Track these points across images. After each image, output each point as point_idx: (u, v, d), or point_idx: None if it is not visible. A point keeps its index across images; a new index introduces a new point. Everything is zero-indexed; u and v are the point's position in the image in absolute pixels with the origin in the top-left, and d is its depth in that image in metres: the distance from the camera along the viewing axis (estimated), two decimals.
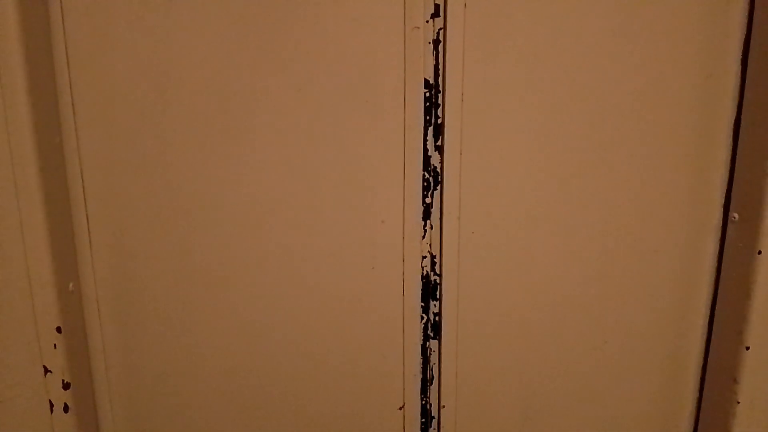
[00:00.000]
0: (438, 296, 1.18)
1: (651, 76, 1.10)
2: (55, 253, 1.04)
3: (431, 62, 1.07)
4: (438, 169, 1.12)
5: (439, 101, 1.09)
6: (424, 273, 1.17)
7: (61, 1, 1.02)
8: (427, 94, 1.08)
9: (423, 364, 1.22)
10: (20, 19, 0.94)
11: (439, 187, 1.13)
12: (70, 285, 1.10)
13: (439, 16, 1.05)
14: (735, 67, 1.10)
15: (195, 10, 1.03)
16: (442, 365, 1.21)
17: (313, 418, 1.23)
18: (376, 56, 1.06)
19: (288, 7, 1.03)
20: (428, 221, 1.14)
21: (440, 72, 1.08)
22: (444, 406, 1.24)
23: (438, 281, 1.17)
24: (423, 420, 1.25)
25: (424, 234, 1.15)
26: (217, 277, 1.15)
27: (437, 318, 1.19)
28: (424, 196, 1.13)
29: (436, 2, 1.05)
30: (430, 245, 1.16)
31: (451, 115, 1.09)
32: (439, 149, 1.11)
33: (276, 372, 1.21)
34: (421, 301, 1.18)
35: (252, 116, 1.08)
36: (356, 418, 1.23)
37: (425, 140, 1.10)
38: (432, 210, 1.14)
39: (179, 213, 1.12)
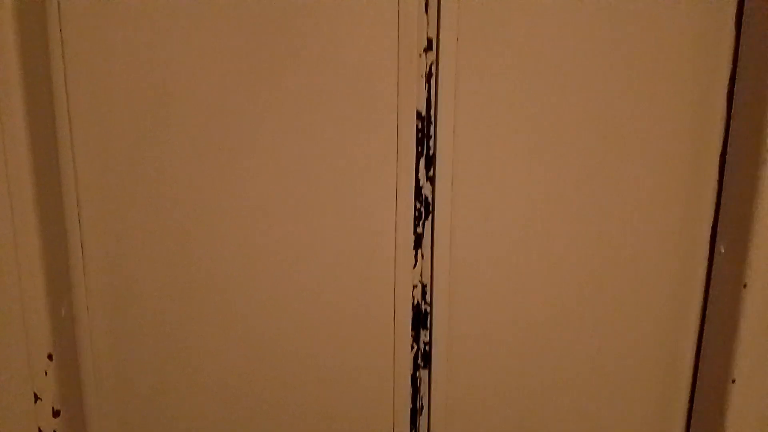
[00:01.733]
0: (428, 325, 1.18)
1: (640, 111, 1.11)
2: (48, 278, 1.04)
3: (424, 94, 1.09)
4: (429, 200, 1.13)
5: (431, 133, 1.10)
6: (415, 302, 1.17)
7: (58, 4, 1.03)
8: (420, 126, 1.10)
9: (413, 393, 1.22)
10: (17, 24, 0.95)
11: (430, 217, 1.14)
12: (62, 310, 1.10)
13: (431, 49, 1.07)
14: (722, 101, 1.11)
15: (193, 17, 1.04)
16: (432, 394, 1.21)
17: None
18: (370, 88, 1.08)
19: (284, 37, 1.05)
20: (419, 250, 1.15)
21: (432, 104, 1.09)
22: None
23: (428, 310, 1.18)
24: None
25: (415, 263, 1.16)
26: (211, 301, 1.15)
27: (428, 347, 1.19)
28: (416, 226, 1.14)
29: (429, 36, 1.07)
30: (422, 274, 1.16)
31: (443, 146, 1.11)
32: (431, 180, 1.12)
33: (267, 397, 1.21)
34: (412, 330, 1.19)
35: (245, 137, 1.09)
36: None
37: (417, 171, 1.12)
38: (423, 239, 1.15)
39: (174, 237, 1.12)
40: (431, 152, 1.11)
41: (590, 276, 1.18)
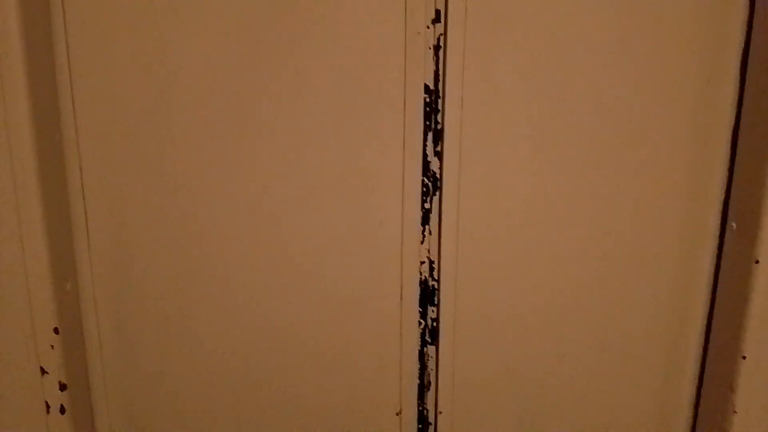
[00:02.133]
0: (436, 302, 1.18)
1: (650, 82, 1.10)
2: (52, 253, 1.04)
3: (431, 68, 1.07)
4: (437, 175, 1.12)
5: (439, 107, 1.09)
6: (423, 278, 1.17)
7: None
8: (427, 100, 1.08)
9: (420, 369, 1.22)
10: (21, 17, 0.95)
11: (438, 193, 1.13)
12: (68, 285, 1.10)
13: (439, 21, 1.06)
14: (734, 74, 1.10)
15: (198, 11, 1.03)
16: (440, 371, 1.21)
17: (310, 422, 1.23)
18: (377, 61, 1.06)
19: (290, 10, 1.04)
20: (427, 226, 1.14)
21: (440, 77, 1.08)
22: (441, 412, 1.24)
23: (436, 287, 1.17)
24: (420, 426, 1.25)
25: (423, 239, 1.15)
26: (215, 278, 1.15)
27: (435, 323, 1.19)
28: (423, 202, 1.13)
29: (437, 8, 1.05)
30: (429, 250, 1.16)
31: (451, 120, 1.09)
32: (439, 155, 1.11)
33: (273, 376, 1.21)
34: (419, 307, 1.18)
35: (251, 119, 1.08)
36: (353, 423, 1.23)
37: (425, 145, 1.11)
38: (431, 215, 1.14)
39: (178, 213, 1.12)
40: (439, 127, 1.10)
41: (600, 250, 1.18)
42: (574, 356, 1.23)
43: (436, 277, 1.17)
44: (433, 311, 1.19)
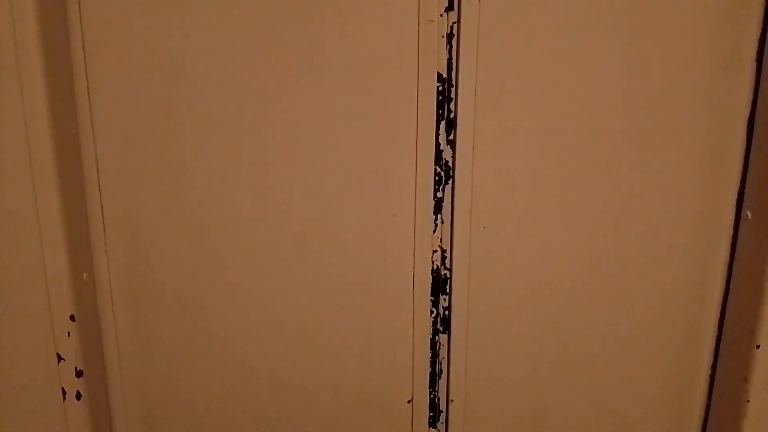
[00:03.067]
0: (448, 290, 1.18)
1: (665, 71, 1.09)
2: (70, 242, 1.06)
3: (445, 56, 1.07)
4: (450, 164, 1.12)
5: (452, 95, 1.09)
6: (435, 267, 1.17)
7: None
8: (440, 88, 1.08)
9: (432, 358, 1.22)
10: (39, 13, 0.95)
11: (450, 182, 1.13)
12: (84, 275, 1.11)
13: (453, 9, 1.05)
14: (750, 63, 1.09)
15: (212, 5, 1.03)
16: (451, 359, 1.22)
17: (322, 409, 1.24)
18: (390, 49, 1.06)
19: (302, 1, 1.04)
20: (439, 215, 1.14)
21: (453, 66, 1.08)
22: (452, 401, 1.24)
23: (448, 275, 1.17)
24: (431, 414, 1.25)
25: (435, 228, 1.15)
26: (229, 269, 1.16)
27: (447, 312, 1.19)
28: (436, 191, 1.13)
29: None
30: (441, 239, 1.16)
31: (464, 109, 1.09)
32: (451, 143, 1.11)
33: (286, 363, 1.22)
34: (431, 296, 1.19)
35: (265, 109, 1.08)
36: (365, 411, 1.24)
37: (437, 134, 1.10)
38: (443, 204, 1.14)
39: (193, 204, 1.12)
40: (452, 115, 1.10)
41: (613, 240, 1.17)
42: (586, 345, 1.23)
43: (448, 266, 1.17)
44: (445, 300, 1.19)
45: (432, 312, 1.20)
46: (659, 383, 1.26)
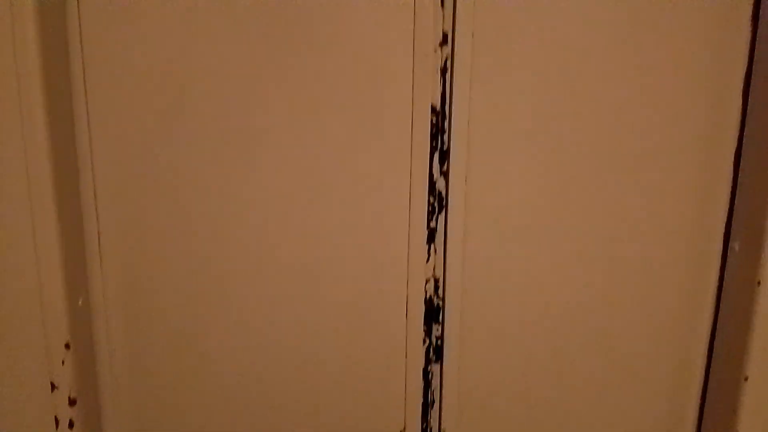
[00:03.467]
0: (441, 319, 1.19)
1: (654, 108, 1.11)
2: (66, 267, 1.05)
3: (438, 89, 1.09)
4: (443, 194, 1.13)
5: (446, 127, 1.10)
6: (428, 296, 1.18)
7: (78, 4, 1.04)
8: (434, 120, 1.10)
9: (425, 387, 1.22)
10: (38, 24, 0.96)
11: (443, 212, 1.14)
12: (80, 300, 1.11)
13: (446, 44, 1.07)
14: (737, 99, 1.10)
15: (209, 18, 1.05)
16: (444, 388, 1.22)
17: None
18: (385, 81, 1.08)
19: (300, 33, 1.06)
20: (432, 245, 1.15)
21: (447, 99, 1.09)
22: (444, 430, 1.24)
23: (441, 304, 1.18)
24: None
25: (428, 258, 1.16)
26: (226, 294, 1.16)
27: (439, 341, 1.20)
28: (429, 221, 1.14)
29: (444, 31, 1.07)
30: (434, 269, 1.17)
31: (458, 141, 1.11)
32: (445, 174, 1.13)
33: (277, 392, 1.21)
34: (424, 324, 1.19)
35: (260, 134, 1.10)
36: None
37: (431, 165, 1.12)
38: (436, 234, 1.15)
39: (190, 230, 1.13)
40: (445, 147, 1.11)
41: (602, 274, 1.18)
42: (578, 378, 1.23)
43: (441, 295, 1.18)
44: (437, 329, 1.19)
45: (425, 341, 1.20)
46: (652, 410, 1.26)
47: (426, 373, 1.22)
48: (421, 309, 1.18)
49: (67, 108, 1.06)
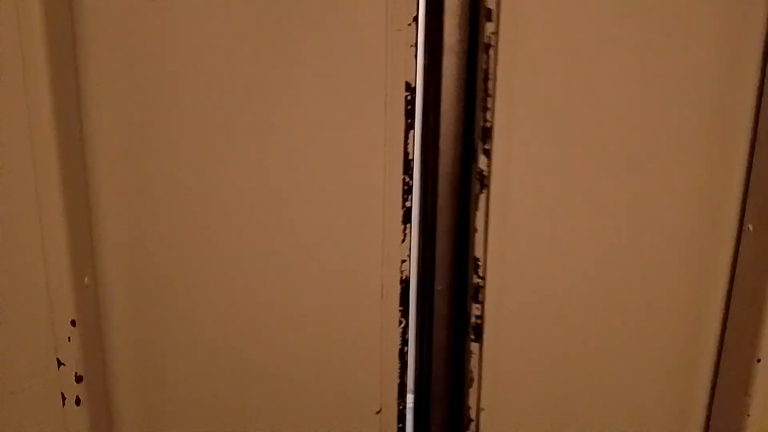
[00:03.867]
0: (480, 299, 1.18)
1: (670, 84, 1.08)
2: (72, 246, 1.06)
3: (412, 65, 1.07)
4: (485, 174, 1.12)
5: (488, 105, 1.08)
6: (403, 277, 1.16)
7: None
8: (408, 98, 1.08)
9: (401, 368, 1.21)
10: (45, 18, 0.96)
11: (485, 192, 1.12)
12: (86, 279, 1.12)
13: (491, 20, 1.05)
14: (755, 75, 1.07)
15: (203, 13, 1.05)
16: (483, 367, 1.21)
17: (294, 418, 1.25)
18: (359, 58, 1.07)
19: (287, 13, 1.05)
20: (408, 225, 1.14)
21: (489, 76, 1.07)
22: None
23: (482, 284, 1.17)
24: (400, 425, 1.25)
25: (404, 238, 1.14)
26: (216, 274, 1.18)
27: (479, 321, 1.19)
28: (404, 200, 1.13)
29: (489, 7, 1.05)
30: (410, 249, 1.16)
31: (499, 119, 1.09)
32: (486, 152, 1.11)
33: (267, 369, 1.23)
34: (400, 305, 1.18)
35: (253, 127, 1.10)
36: (334, 421, 1.24)
37: (405, 143, 1.10)
38: (411, 214, 1.14)
39: (196, 208, 1.14)
40: (488, 125, 1.09)
41: (624, 254, 1.16)
42: (597, 357, 1.22)
43: (481, 275, 1.16)
44: (477, 308, 1.18)
45: (401, 322, 1.19)
46: (663, 389, 1.24)
47: (402, 354, 1.20)
48: (397, 289, 1.17)
49: (73, 80, 1.06)
